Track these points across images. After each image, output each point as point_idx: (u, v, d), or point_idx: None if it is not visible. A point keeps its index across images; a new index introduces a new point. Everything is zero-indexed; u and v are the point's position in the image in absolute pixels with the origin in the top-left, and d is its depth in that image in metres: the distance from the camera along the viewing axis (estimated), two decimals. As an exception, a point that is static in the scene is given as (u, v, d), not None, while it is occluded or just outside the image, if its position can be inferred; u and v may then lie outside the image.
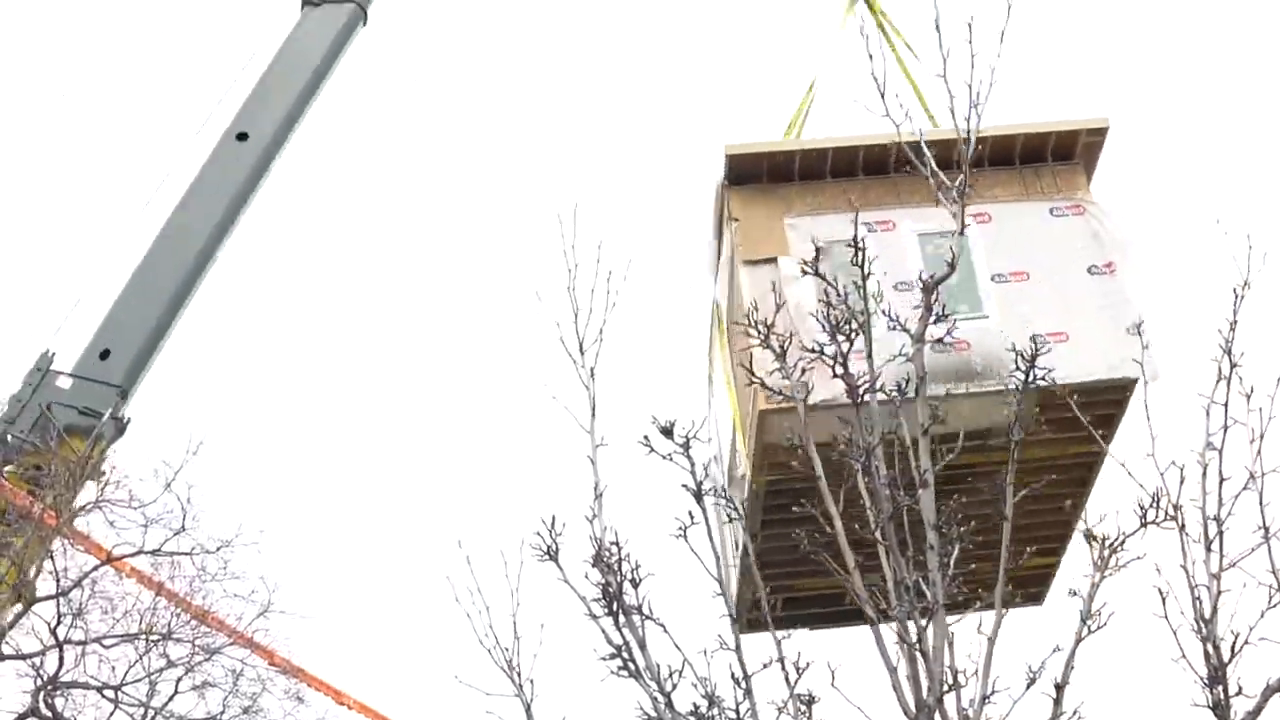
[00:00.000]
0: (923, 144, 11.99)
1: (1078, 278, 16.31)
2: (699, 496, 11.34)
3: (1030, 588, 17.78)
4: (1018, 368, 11.49)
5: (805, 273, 12.42)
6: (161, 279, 26.34)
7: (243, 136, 27.49)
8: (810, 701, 10.72)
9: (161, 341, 26.27)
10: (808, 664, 10.84)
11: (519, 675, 11.43)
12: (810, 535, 11.31)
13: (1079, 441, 14.75)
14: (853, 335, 11.44)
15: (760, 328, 11.89)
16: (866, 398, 11.24)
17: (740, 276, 16.95)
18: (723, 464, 18.08)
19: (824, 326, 11.48)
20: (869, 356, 11.47)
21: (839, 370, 11.33)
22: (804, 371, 11.57)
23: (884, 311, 11.68)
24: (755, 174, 17.42)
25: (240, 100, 28.31)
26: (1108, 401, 15.61)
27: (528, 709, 11.21)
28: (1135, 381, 15.14)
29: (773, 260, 16.69)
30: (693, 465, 11.36)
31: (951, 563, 10.77)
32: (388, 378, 60.72)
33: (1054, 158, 17.70)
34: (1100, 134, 17.68)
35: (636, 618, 11.04)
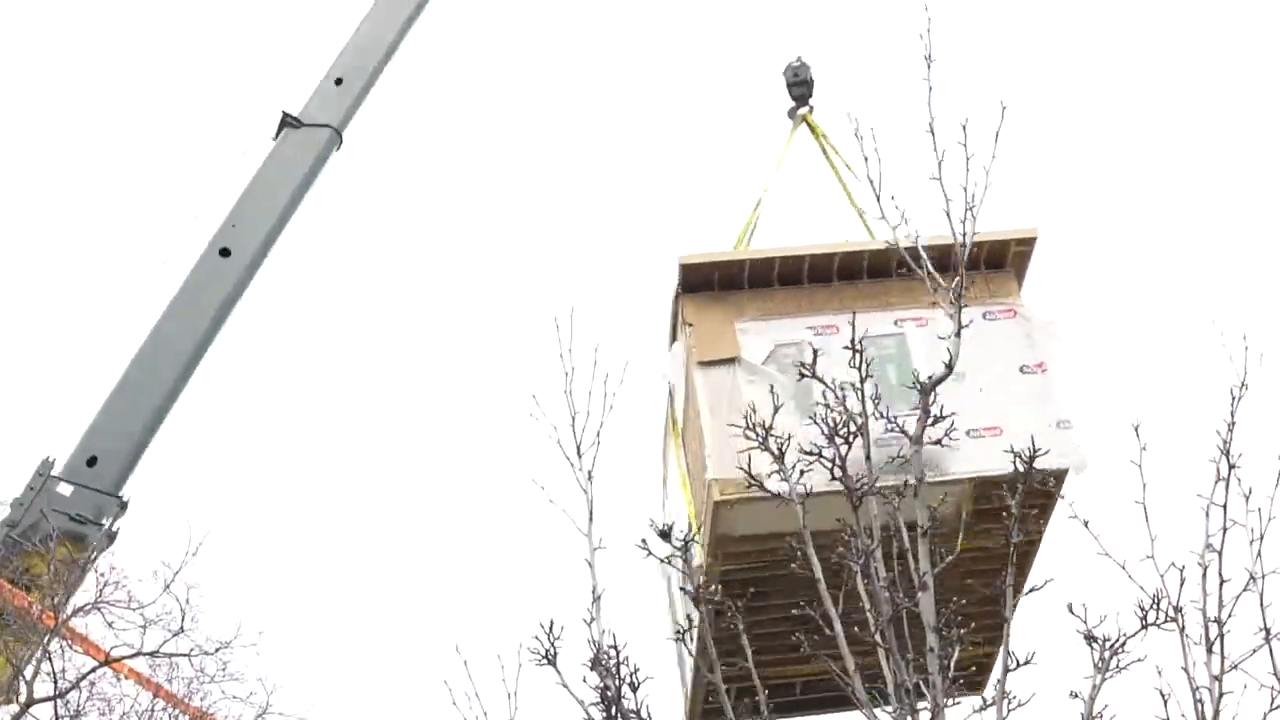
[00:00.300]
0: (916, 248, 12.14)
1: (1011, 376, 17.02)
2: (697, 600, 11.33)
3: (972, 676, 17.47)
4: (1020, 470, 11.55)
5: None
6: (147, 388, 26.79)
7: (225, 252, 28.32)
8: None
9: (146, 448, 26.60)
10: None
11: (516, 782, 11.36)
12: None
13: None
14: (850, 437, 11.48)
15: (759, 430, 11.91)
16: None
17: (695, 378, 17.65)
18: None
19: (823, 429, 11.53)
20: (868, 458, 11.51)
21: (838, 472, 11.38)
22: (801, 474, 11.61)
23: (881, 414, 11.71)
24: (708, 282, 18.31)
25: (219, 213, 29.11)
26: (1039, 497, 15.74)
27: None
28: (1066, 472, 16.10)
29: (727, 362, 17.54)
30: (690, 568, 11.35)
31: (952, 665, 10.76)
32: (383, 478, 60.61)
33: (987, 265, 18.31)
34: (1029, 244, 18.56)
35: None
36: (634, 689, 11.04)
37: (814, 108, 23.72)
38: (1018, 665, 10.96)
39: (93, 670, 23.44)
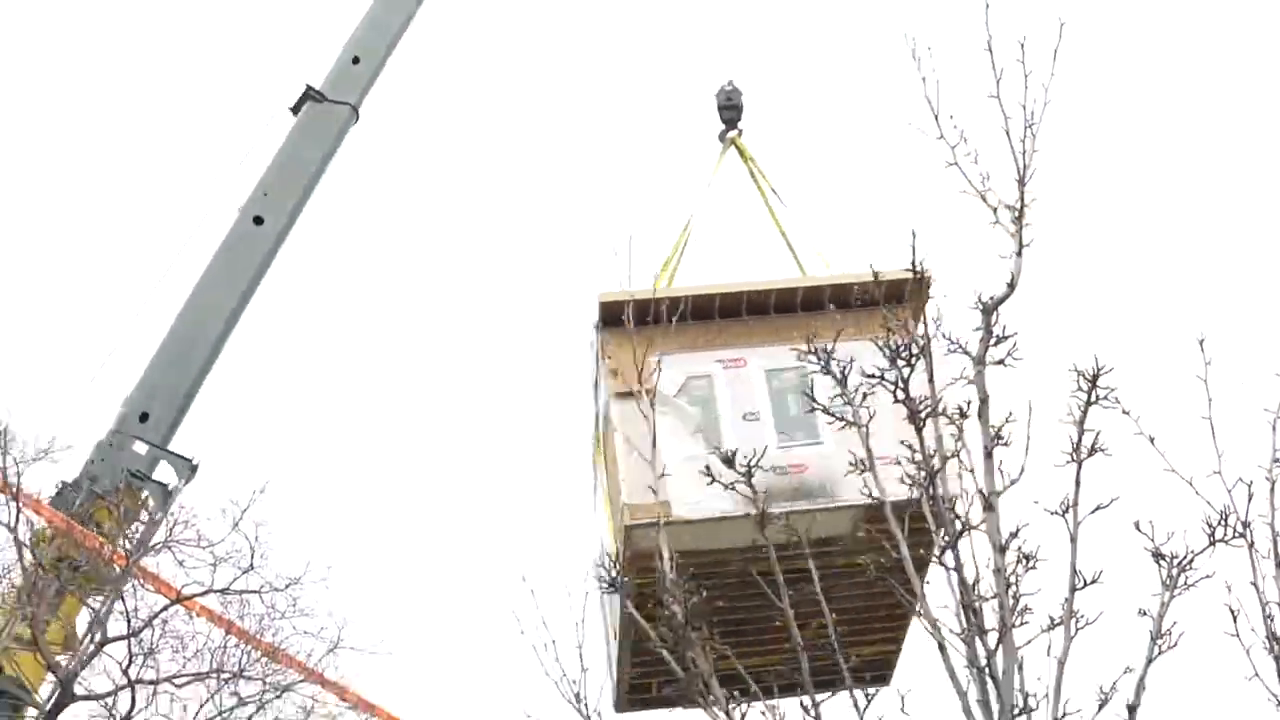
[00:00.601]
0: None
1: (902, 409, 17.47)
2: (762, 523, 11.33)
3: (877, 670, 19.98)
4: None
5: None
6: (191, 348, 28.41)
7: (259, 220, 30.08)
8: (881, 731, 10.69)
9: (193, 402, 28.17)
10: (877, 690, 10.81)
11: (586, 707, 11.44)
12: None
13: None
14: (913, 360, 11.44)
15: (821, 354, 11.86)
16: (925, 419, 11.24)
17: (612, 409, 19.35)
18: (604, 563, 18.87)
19: (885, 353, 11.49)
20: (930, 380, 11.48)
21: (900, 395, 11.35)
22: (865, 398, 11.58)
23: (944, 335, 11.66)
24: (624, 318, 18.65)
25: (244, 185, 30.92)
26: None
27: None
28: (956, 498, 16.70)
29: (643, 394, 17.95)
30: (755, 494, 11.34)
31: (1012, 598, 10.73)
32: (448, 415, 60.97)
33: (887, 301, 18.68)
34: (925, 284, 18.25)
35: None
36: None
37: (743, 131, 25.29)
38: (1085, 584, 10.90)
39: (165, 608, 23.72)
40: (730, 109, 25.36)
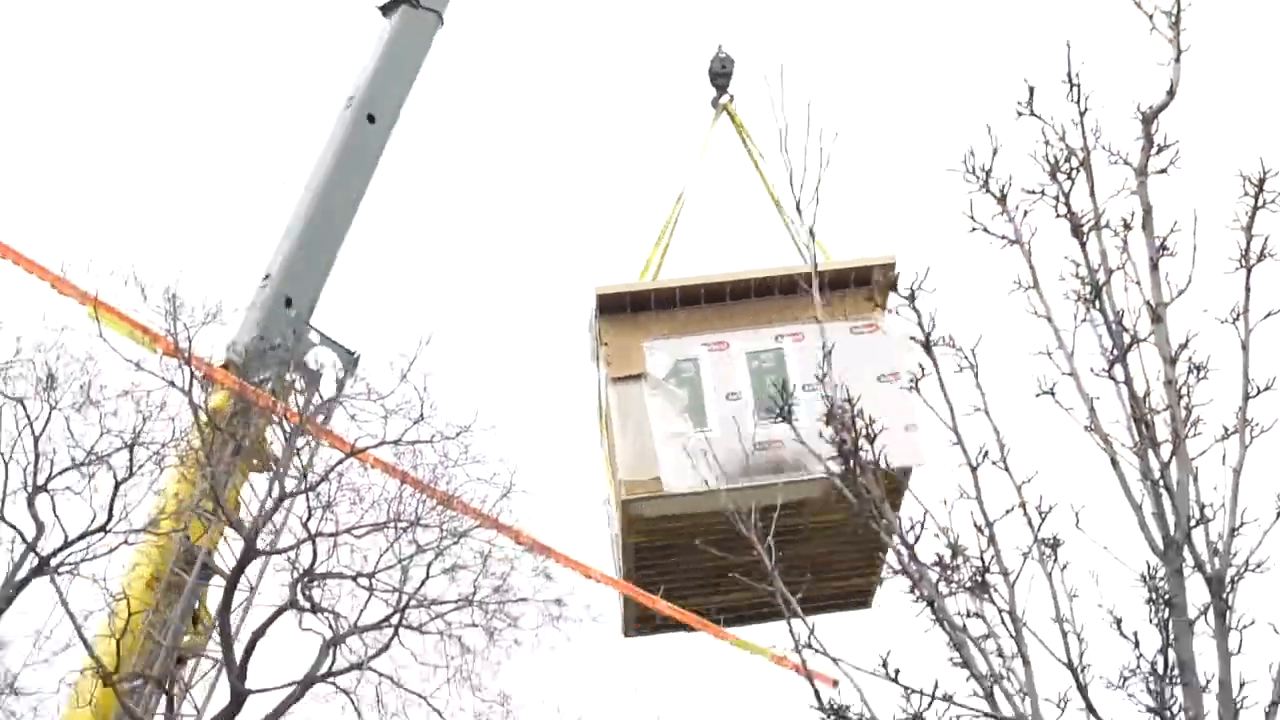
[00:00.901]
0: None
1: (870, 385, 19.26)
2: (928, 347, 11.27)
3: (857, 597, 24.98)
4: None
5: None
6: (322, 235, 30.08)
7: (371, 118, 31.68)
8: (1055, 545, 10.66)
9: (326, 284, 29.97)
10: (1050, 507, 10.78)
11: (761, 537, 11.53)
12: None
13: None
14: (1073, 173, 11.26)
15: (980, 172, 11.71)
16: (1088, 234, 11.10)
17: (610, 392, 21.96)
18: (610, 517, 23.84)
19: (1044, 168, 11.33)
20: (1091, 193, 11.31)
21: (1061, 209, 11.21)
22: (1025, 214, 11.45)
23: (1104, 147, 11.46)
24: (621, 306, 22.49)
25: (348, 84, 32.59)
26: (893, 484, 18.90)
27: (772, 569, 11.29)
28: (911, 470, 21.36)
29: (635, 377, 21.98)
30: (919, 316, 11.28)
31: (1184, 409, 10.60)
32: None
33: (855, 284, 22.48)
34: (890, 268, 22.67)
35: (874, 473, 11.05)
36: (871, 440, 11.09)
37: (734, 97, 27.86)
38: (1258, 392, 10.76)
39: (339, 462, 24.18)
40: (720, 76, 27.85)
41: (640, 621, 25.10)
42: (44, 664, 22.49)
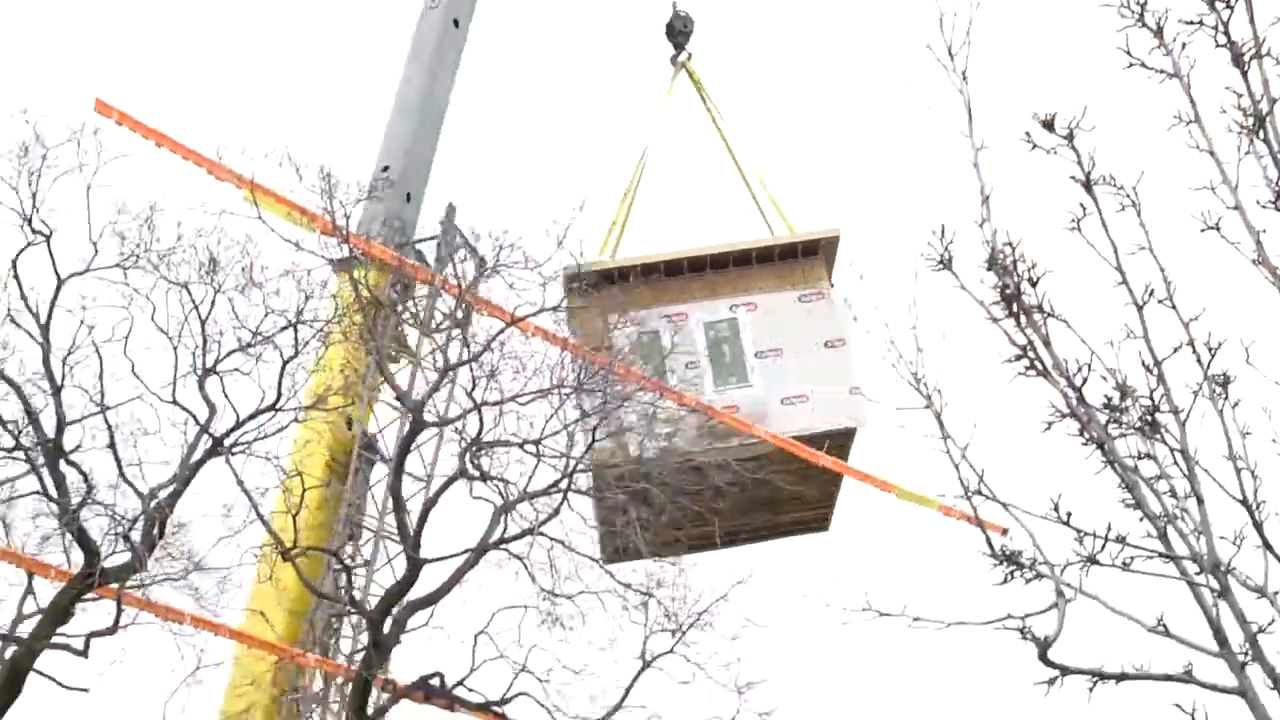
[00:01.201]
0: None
1: (817, 350, 23.17)
2: (1089, 186, 11.10)
3: (816, 523, 27.16)
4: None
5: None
6: (427, 127, 31.43)
7: (456, 23, 33.14)
8: (1225, 382, 10.52)
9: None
10: (1220, 343, 10.62)
11: (926, 386, 11.51)
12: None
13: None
14: (1232, 2, 10.98)
15: (1136, 5, 11.44)
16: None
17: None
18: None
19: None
20: (1251, 20, 11.02)
21: (1221, 39, 10.94)
22: (1184, 46, 11.18)
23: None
24: (588, 284, 24.30)
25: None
26: (839, 441, 23.72)
27: (938, 418, 11.27)
28: (855, 430, 23.27)
29: (604, 349, 24.21)
30: (1079, 156, 11.09)
31: None
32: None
33: (803, 254, 25.01)
34: (834, 240, 24.94)
35: (1038, 316, 10.95)
36: (1033, 284, 10.98)
37: (692, 55, 29.46)
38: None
39: (501, 331, 24.31)
40: (681, 35, 28.94)
41: (616, 553, 26.20)
42: (227, 540, 22.96)
